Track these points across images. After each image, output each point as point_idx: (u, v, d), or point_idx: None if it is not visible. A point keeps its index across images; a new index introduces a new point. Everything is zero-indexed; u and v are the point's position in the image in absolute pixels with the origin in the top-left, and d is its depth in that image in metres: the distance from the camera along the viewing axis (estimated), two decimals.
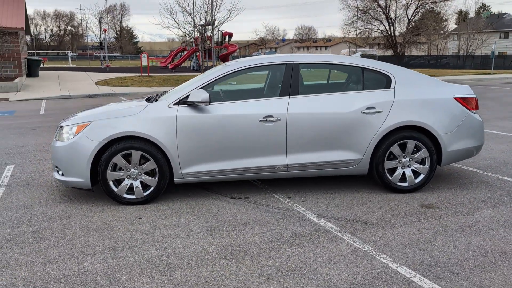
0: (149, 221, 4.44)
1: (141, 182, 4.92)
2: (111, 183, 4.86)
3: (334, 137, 5.00)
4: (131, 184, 4.91)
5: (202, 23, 24.81)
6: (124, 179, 4.90)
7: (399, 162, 5.15)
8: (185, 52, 37.02)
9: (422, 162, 5.18)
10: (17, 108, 14.61)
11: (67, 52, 66.02)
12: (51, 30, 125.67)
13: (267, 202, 4.94)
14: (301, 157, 5.01)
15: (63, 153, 4.87)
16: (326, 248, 3.78)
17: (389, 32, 52.11)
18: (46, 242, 3.98)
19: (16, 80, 21.03)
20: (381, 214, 4.54)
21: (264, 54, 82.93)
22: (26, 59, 26.79)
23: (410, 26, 52.73)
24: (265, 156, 4.98)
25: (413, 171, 5.20)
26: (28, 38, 36.18)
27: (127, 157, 4.84)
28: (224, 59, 33.18)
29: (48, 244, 3.92)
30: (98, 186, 5.13)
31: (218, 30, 32.81)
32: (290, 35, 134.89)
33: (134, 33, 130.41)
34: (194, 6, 26.15)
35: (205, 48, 31.69)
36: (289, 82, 5.06)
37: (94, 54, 63.72)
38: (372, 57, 56.10)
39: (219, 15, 26.26)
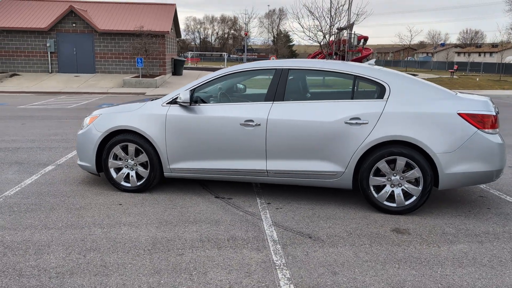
0: (124, 208, 4.88)
1: (136, 172, 5.40)
2: (111, 170, 5.44)
3: (315, 146, 4.80)
4: (128, 173, 5.42)
5: (329, 27, 24.72)
6: (122, 168, 5.44)
7: (388, 179, 4.71)
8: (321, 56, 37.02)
9: (416, 182, 4.67)
10: None
11: (224, 54, 71.62)
12: (217, 33, 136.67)
13: (242, 205, 4.99)
14: (281, 164, 4.94)
15: (79, 140, 5.61)
16: (241, 255, 3.74)
17: None
18: (31, 213, 4.69)
19: (156, 78, 23.72)
20: (339, 232, 4.26)
21: (407, 59, 78.23)
22: (172, 59, 29.94)
23: None
24: (245, 160, 5.03)
25: (404, 191, 4.70)
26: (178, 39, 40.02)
27: (125, 149, 5.36)
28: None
29: (29, 215, 4.62)
30: None
31: (354, 34, 32.24)
32: (453, 39, 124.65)
33: (290, 37, 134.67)
34: (331, 9, 26.21)
35: (336, 51, 31.44)
36: (275, 87, 5.02)
37: (234, 56, 68.30)
38: None
39: (345, 19, 25.83)
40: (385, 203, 4.74)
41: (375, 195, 4.75)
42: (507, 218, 4.67)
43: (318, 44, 25.64)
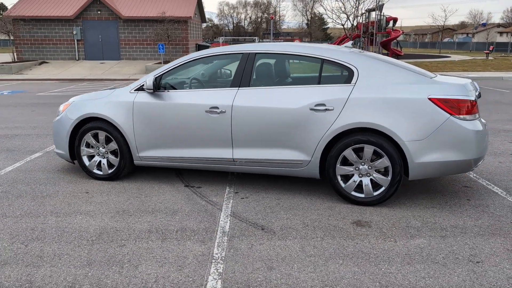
0: (89, 196, 4.84)
1: (107, 160, 5.35)
2: (84, 158, 5.41)
3: (280, 134, 4.59)
4: (100, 161, 5.38)
5: (354, 8, 24.01)
6: (94, 155, 5.40)
7: (355, 169, 4.46)
8: (354, 39, 35.97)
9: (385, 172, 4.40)
10: None
11: (255, 39, 71.13)
12: (250, 17, 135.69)
13: (208, 194, 4.86)
14: (247, 152, 4.76)
15: (54, 128, 5.60)
16: (183, 247, 3.62)
17: None
18: None
19: None
20: (295, 223, 4.06)
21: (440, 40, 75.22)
22: (197, 45, 29.94)
23: None
24: (212, 148, 4.88)
25: (373, 181, 4.44)
26: (204, 25, 39.82)
27: (96, 137, 5.31)
28: (385, 45, 31.46)
29: None
30: None
31: (383, 15, 31.25)
32: (496, 18, 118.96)
33: (324, 20, 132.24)
34: None
35: (364, 34, 30.61)
36: (241, 72, 4.82)
37: (266, 40, 67.41)
38: None
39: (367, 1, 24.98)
40: (353, 193, 4.49)
41: (343, 185, 4.51)
42: (484, 210, 4.33)
43: (342, 26, 24.93)
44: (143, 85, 5.10)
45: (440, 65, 25.63)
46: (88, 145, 5.37)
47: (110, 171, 5.33)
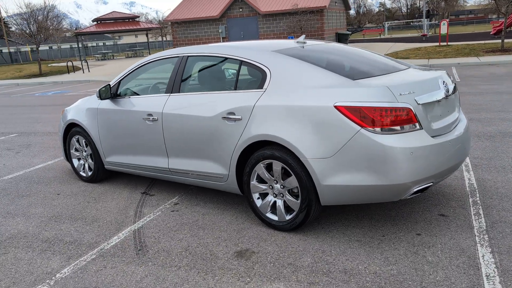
0: (54, 198, 5.14)
1: (88, 164, 5.63)
2: (74, 160, 5.79)
3: (200, 144, 4.19)
4: (84, 164, 5.69)
5: None
6: (80, 158, 5.73)
7: (269, 187, 3.81)
8: None
9: (298, 193, 3.66)
10: None
11: (424, 20, 65.33)
12: None
13: (150, 203, 4.71)
14: (179, 162, 4.48)
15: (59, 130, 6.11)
16: (46, 262, 3.57)
17: None
18: None
19: None
20: (179, 247, 3.65)
21: None
22: (337, 34, 29.09)
23: None
24: (153, 156, 4.73)
25: (285, 204, 3.74)
26: (350, 12, 38.63)
27: (80, 141, 5.62)
28: None
29: None
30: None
31: None
32: None
33: None
34: None
35: None
36: (174, 77, 4.52)
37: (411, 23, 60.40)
38: None
39: None
40: (268, 215, 3.84)
41: (257, 204, 3.90)
42: (417, 252, 3.24)
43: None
44: None
45: None
46: (76, 149, 5.72)
47: (89, 174, 5.58)
